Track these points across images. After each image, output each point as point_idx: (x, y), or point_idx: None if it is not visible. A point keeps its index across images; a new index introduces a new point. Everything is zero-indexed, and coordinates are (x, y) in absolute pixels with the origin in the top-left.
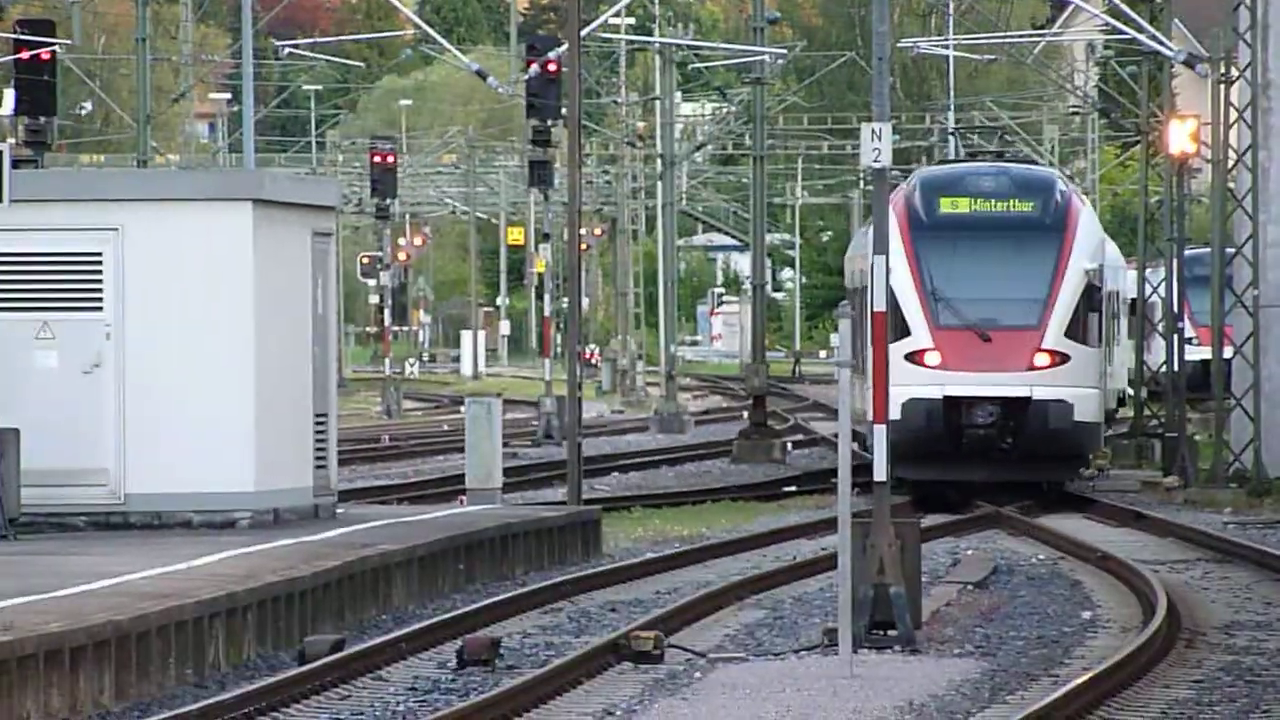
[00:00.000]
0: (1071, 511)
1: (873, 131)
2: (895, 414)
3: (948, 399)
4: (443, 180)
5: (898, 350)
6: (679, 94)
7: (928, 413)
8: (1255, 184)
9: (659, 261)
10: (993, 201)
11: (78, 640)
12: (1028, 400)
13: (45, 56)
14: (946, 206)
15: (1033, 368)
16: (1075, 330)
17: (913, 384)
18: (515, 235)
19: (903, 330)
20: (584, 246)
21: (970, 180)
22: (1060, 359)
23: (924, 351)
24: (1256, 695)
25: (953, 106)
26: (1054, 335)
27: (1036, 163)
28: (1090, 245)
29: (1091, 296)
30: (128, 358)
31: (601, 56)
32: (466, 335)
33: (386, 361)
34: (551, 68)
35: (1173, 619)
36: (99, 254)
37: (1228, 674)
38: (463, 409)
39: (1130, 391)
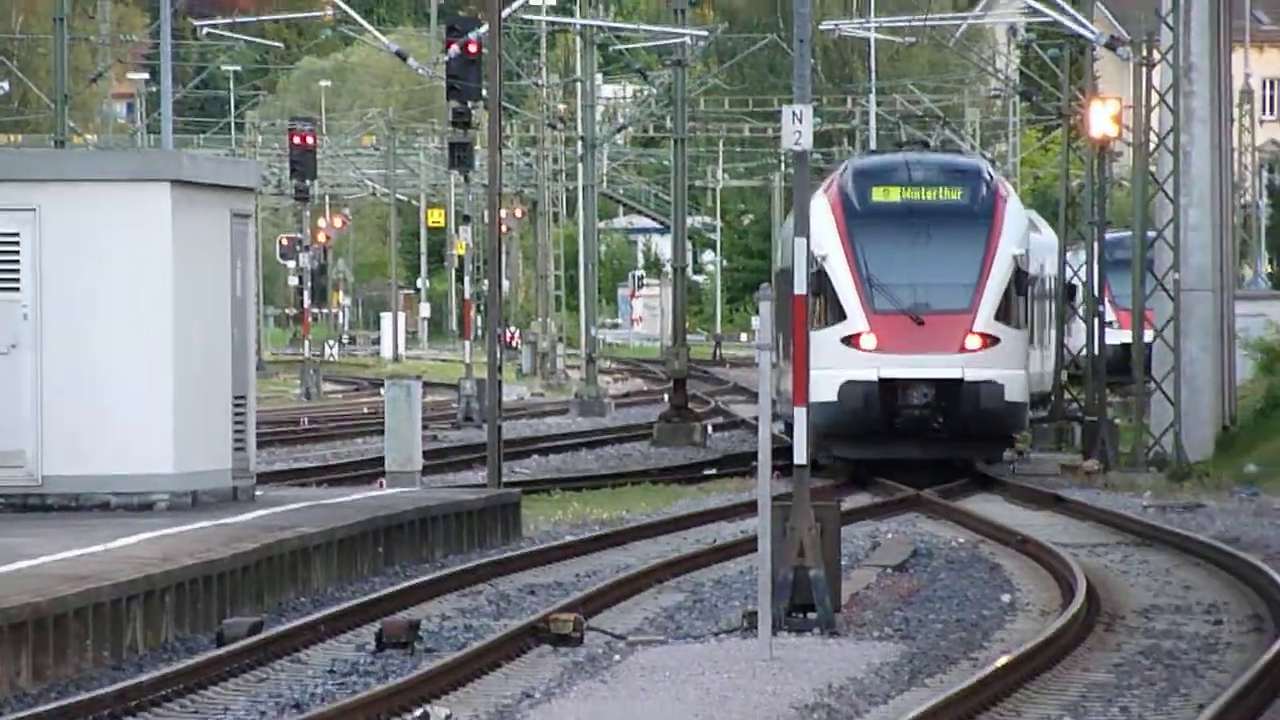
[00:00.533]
0: (992, 495)
1: (794, 114)
2: (832, 396)
3: (883, 381)
4: (363, 162)
5: (834, 334)
6: (600, 76)
7: (864, 394)
8: (1176, 167)
9: (580, 244)
10: (923, 190)
11: None
12: (960, 381)
13: None
14: (879, 195)
15: (964, 350)
16: (1004, 313)
17: (849, 366)
18: (435, 217)
19: (839, 314)
20: (504, 229)
21: (902, 169)
22: (991, 341)
23: (859, 335)
24: (1175, 679)
25: (874, 89)
26: (984, 318)
27: (962, 151)
28: (1017, 231)
29: (1019, 280)
30: (45, 339)
31: (522, 38)
32: (386, 318)
33: (306, 344)
34: (472, 49)
35: (1092, 602)
36: (16, 234)
37: (1147, 658)
38: (382, 391)
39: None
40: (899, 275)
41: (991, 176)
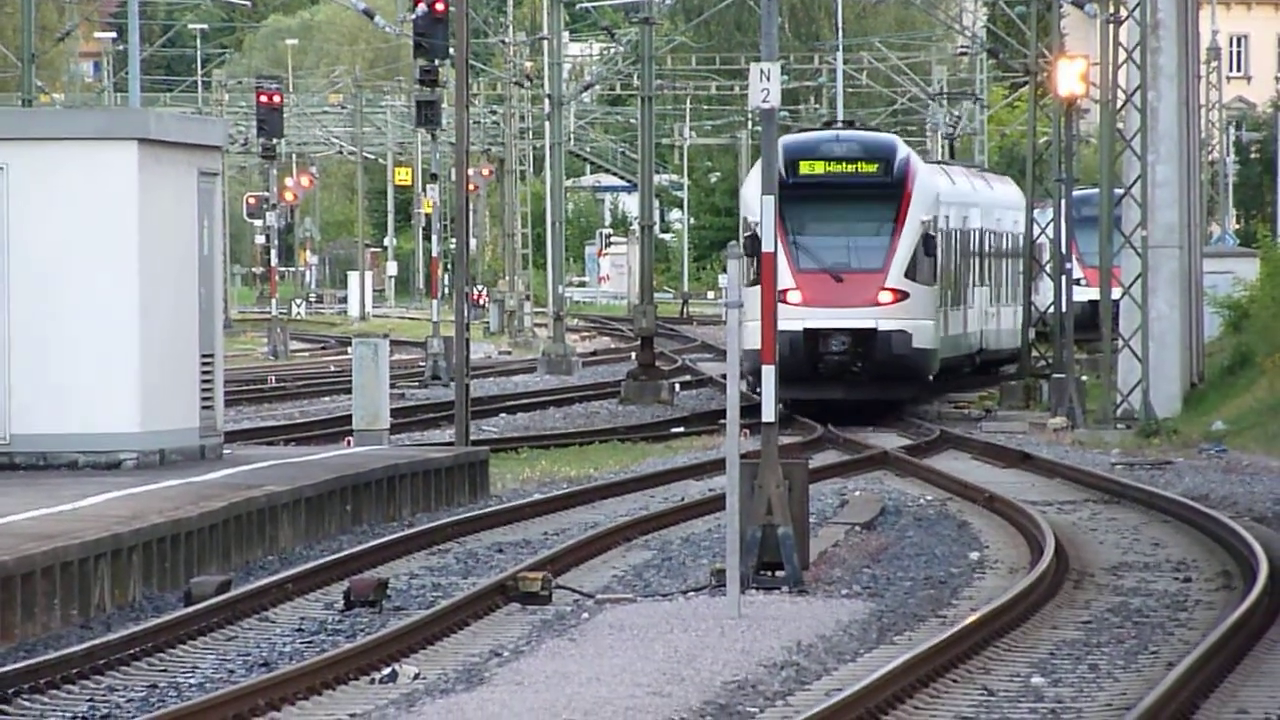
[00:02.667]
0: (960, 453)
1: (761, 72)
2: (758, 344)
3: (807, 330)
4: (329, 120)
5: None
6: (567, 34)
7: (791, 342)
8: (1144, 124)
9: (547, 202)
10: (844, 164)
11: None
12: (874, 331)
13: None
14: (805, 168)
15: (877, 304)
16: (913, 272)
17: (778, 319)
18: (402, 176)
19: None
20: (472, 187)
21: (824, 146)
22: (901, 296)
23: (787, 291)
24: (1144, 636)
25: (841, 47)
26: (895, 276)
27: (879, 130)
28: (926, 200)
29: (928, 243)
30: (12, 297)
31: None
32: (353, 276)
33: (273, 302)
34: (439, 7)
35: (1060, 560)
36: None
37: (1115, 615)
38: (350, 350)
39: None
40: (821, 239)
41: (905, 153)
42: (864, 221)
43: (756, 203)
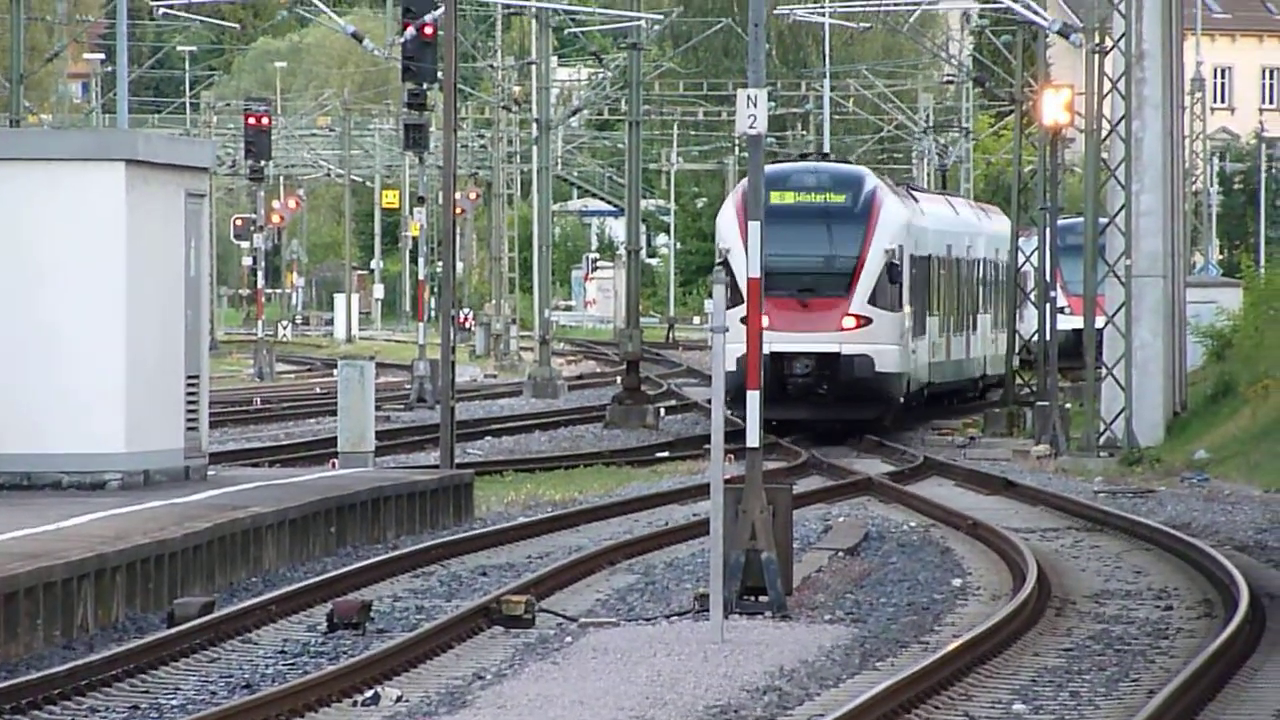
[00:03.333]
0: (943, 479)
1: (748, 98)
2: (733, 366)
3: (774, 354)
4: (317, 143)
5: (735, 314)
6: (555, 58)
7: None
8: (1128, 154)
9: (534, 226)
10: (812, 194)
11: None
12: (838, 355)
13: None
14: (776, 198)
15: (841, 329)
16: (877, 298)
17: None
18: (390, 198)
19: (739, 298)
20: (459, 210)
21: (795, 177)
22: (864, 321)
23: None
24: (1126, 664)
25: (829, 74)
26: (859, 303)
27: (851, 162)
28: (891, 229)
29: (892, 271)
30: None
31: (478, 20)
32: (340, 298)
33: (259, 324)
34: (428, 31)
35: (1043, 587)
36: None
37: (1097, 642)
38: (335, 372)
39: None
40: (789, 266)
41: (873, 184)
42: (829, 249)
43: (728, 230)
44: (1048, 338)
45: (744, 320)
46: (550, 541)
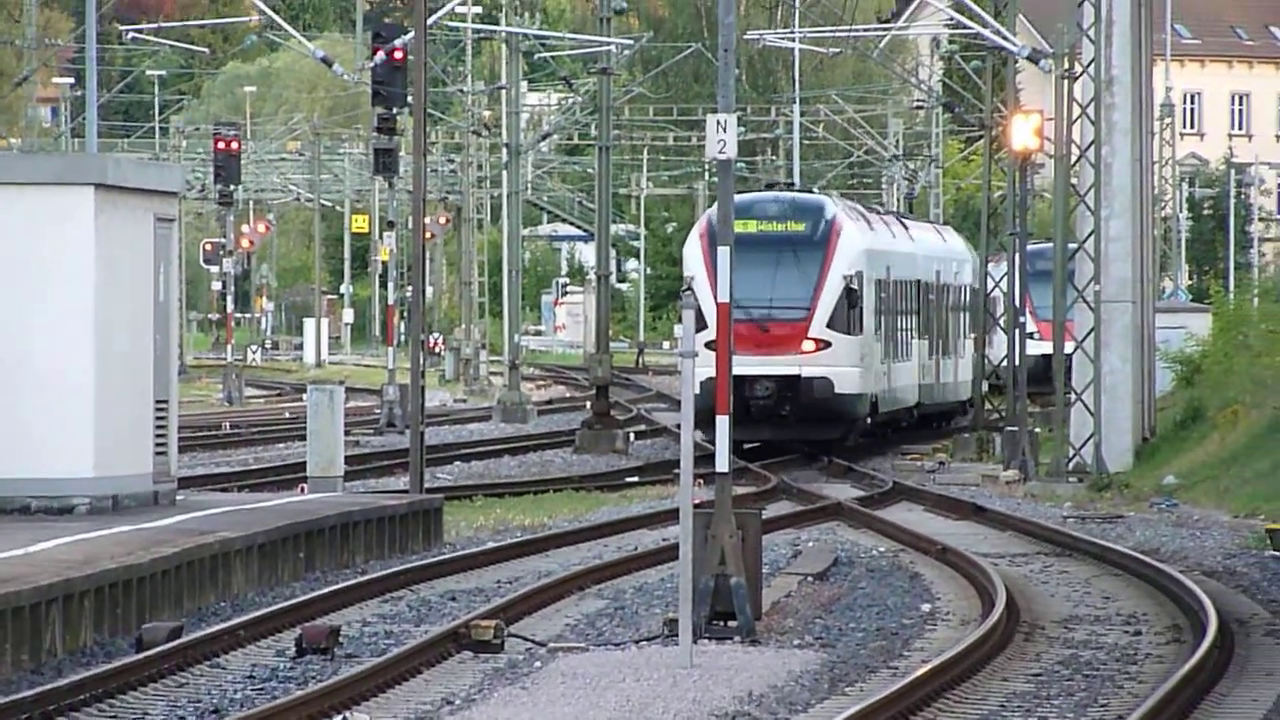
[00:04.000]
0: (913, 504)
1: (718, 123)
2: (697, 389)
3: (737, 377)
4: (287, 167)
5: (700, 339)
6: (525, 83)
7: None
8: (1098, 179)
9: (504, 250)
10: (774, 223)
11: None
12: (798, 377)
13: None
14: (739, 227)
15: (800, 352)
16: (836, 322)
17: (710, 365)
18: (360, 223)
19: (703, 323)
20: (429, 235)
21: (758, 206)
22: (823, 345)
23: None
24: (1094, 689)
25: (798, 99)
26: (818, 326)
27: (813, 191)
28: (850, 256)
29: (850, 296)
30: None
31: (448, 45)
32: (309, 323)
33: (229, 348)
34: (397, 56)
35: (1012, 612)
36: None
37: (1066, 667)
38: (305, 397)
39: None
40: (750, 292)
41: (832, 212)
42: (789, 275)
43: (692, 259)
44: (1017, 363)
45: (709, 345)
46: (519, 566)
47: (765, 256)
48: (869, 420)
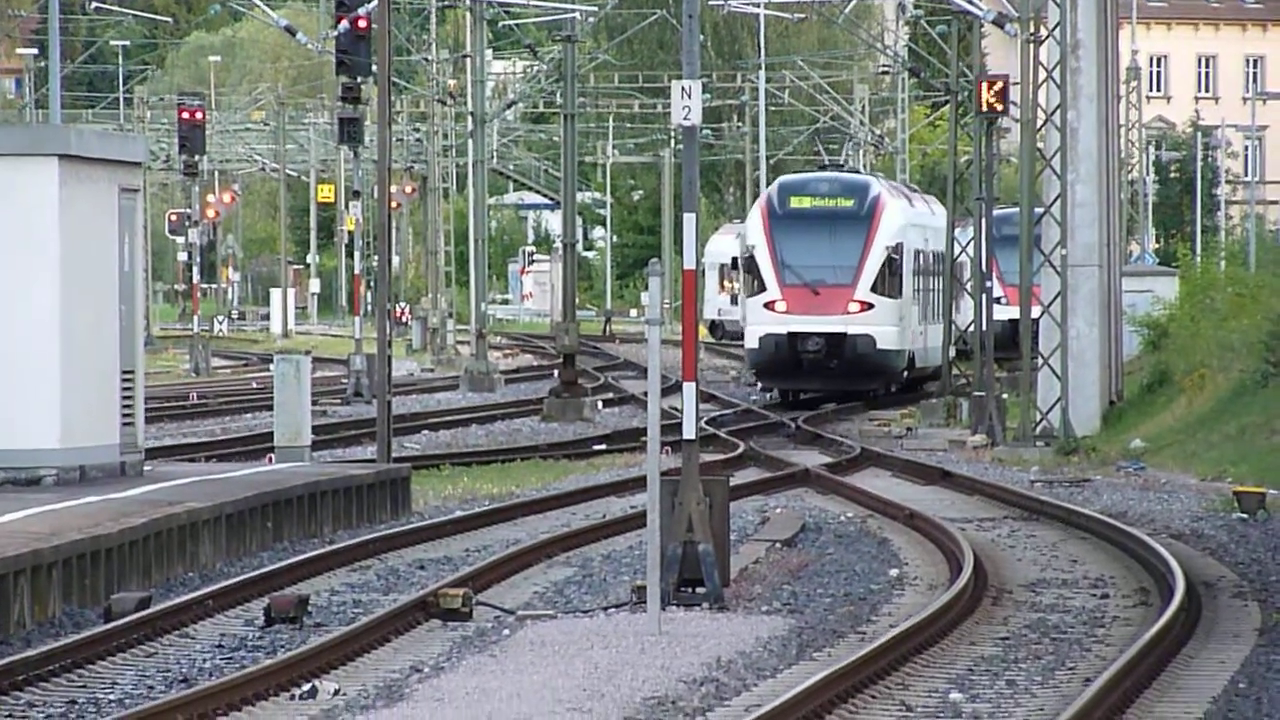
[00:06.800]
0: (880, 470)
1: (683, 90)
2: (755, 344)
3: (790, 334)
4: (252, 137)
5: (759, 300)
6: (490, 52)
7: (776, 343)
8: (1064, 144)
9: (470, 220)
10: (825, 199)
11: None
12: (844, 335)
13: None
14: (794, 202)
15: (847, 313)
16: (878, 286)
17: (768, 323)
18: (325, 193)
19: (761, 287)
20: (394, 204)
21: (812, 184)
22: (867, 306)
23: (775, 301)
24: (1062, 652)
25: (764, 66)
26: (863, 290)
27: (860, 172)
28: (891, 229)
29: (891, 264)
30: None
31: (412, 13)
32: (276, 293)
33: (195, 319)
34: (361, 24)
35: (979, 576)
36: None
37: (1034, 631)
38: (271, 367)
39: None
40: (803, 259)
41: (878, 190)
42: (838, 245)
43: (754, 230)
44: (984, 328)
45: (766, 306)
46: (488, 535)
47: (818, 228)
48: (905, 374)
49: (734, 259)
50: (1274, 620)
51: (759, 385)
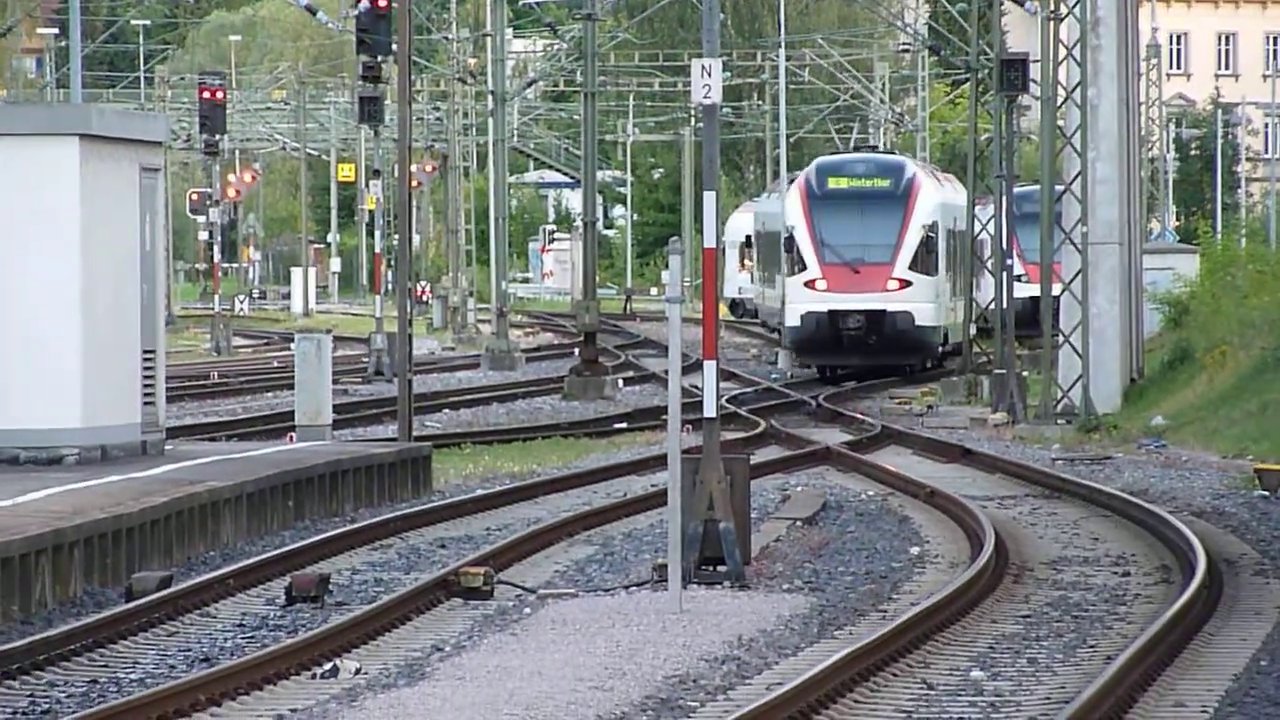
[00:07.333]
0: (901, 448)
1: (703, 68)
2: (797, 322)
3: (831, 311)
4: (273, 116)
5: (799, 279)
6: (510, 30)
7: (817, 321)
8: (1084, 121)
9: (490, 198)
10: (863, 180)
11: None
12: (883, 311)
13: None
14: (833, 183)
15: (886, 290)
16: (915, 265)
17: (809, 302)
18: (346, 172)
19: (802, 266)
20: (415, 183)
21: (849, 166)
22: (905, 284)
23: (815, 280)
24: (1083, 630)
25: (784, 44)
26: (901, 268)
27: (895, 153)
28: (927, 209)
29: (927, 242)
30: None
31: None
32: (297, 272)
33: (216, 298)
34: (382, 3)
35: (1000, 554)
36: None
37: (1055, 609)
38: (292, 346)
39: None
40: (843, 239)
41: (913, 171)
42: (877, 225)
43: (793, 210)
44: (1004, 305)
45: (806, 284)
46: (509, 513)
47: (856, 208)
48: (941, 349)
49: (748, 237)
50: None
51: (797, 361)
